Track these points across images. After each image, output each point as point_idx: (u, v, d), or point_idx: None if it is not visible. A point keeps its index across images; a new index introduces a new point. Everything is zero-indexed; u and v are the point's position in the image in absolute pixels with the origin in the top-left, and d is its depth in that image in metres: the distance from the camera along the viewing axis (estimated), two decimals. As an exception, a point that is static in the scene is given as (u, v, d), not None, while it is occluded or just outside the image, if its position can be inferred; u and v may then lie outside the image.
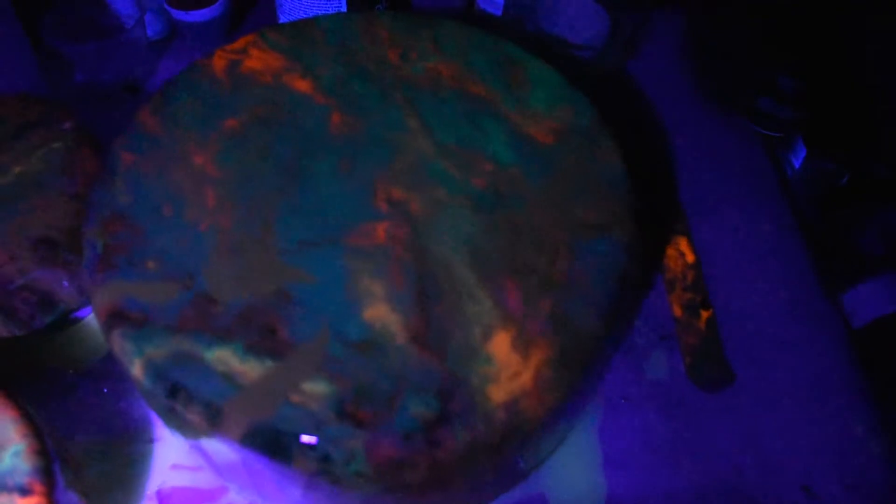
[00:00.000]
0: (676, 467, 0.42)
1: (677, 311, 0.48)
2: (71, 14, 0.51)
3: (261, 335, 0.30)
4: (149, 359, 0.30)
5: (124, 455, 0.41)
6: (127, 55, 0.53)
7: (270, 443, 0.28)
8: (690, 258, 0.49)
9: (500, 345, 0.31)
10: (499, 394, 0.30)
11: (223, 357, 0.30)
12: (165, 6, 0.55)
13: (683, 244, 0.49)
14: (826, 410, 0.43)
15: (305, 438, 0.28)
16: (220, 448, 0.31)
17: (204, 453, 0.34)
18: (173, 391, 0.29)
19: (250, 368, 0.30)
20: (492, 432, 0.29)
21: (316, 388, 0.29)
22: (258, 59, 0.40)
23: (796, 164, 0.51)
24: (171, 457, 0.41)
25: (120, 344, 0.31)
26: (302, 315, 0.31)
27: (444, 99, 0.38)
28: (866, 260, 0.45)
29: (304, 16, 0.52)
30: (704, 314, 0.47)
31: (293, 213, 0.34)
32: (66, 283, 0.42)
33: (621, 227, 0.34)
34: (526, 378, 0.30)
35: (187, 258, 0.33)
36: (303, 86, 0.38)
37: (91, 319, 0.45)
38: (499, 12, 0.53)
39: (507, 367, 0.30)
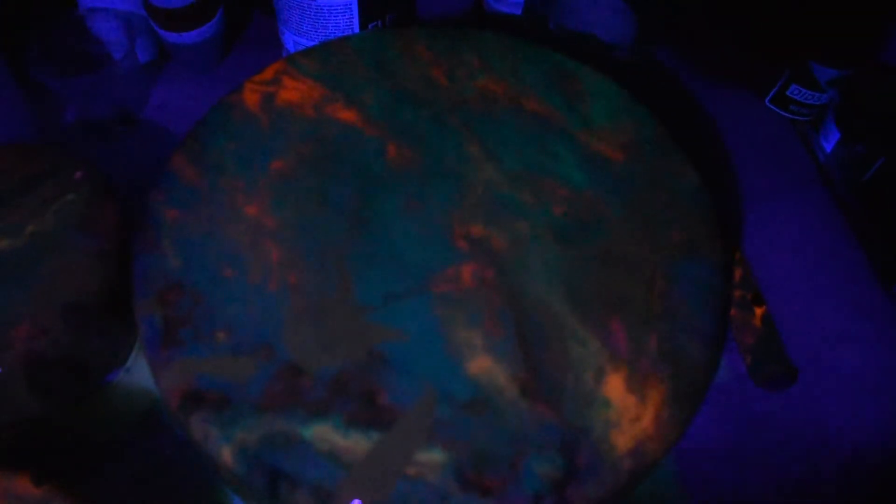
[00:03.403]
0: (753, 473, 0.42)
1: (731, 311, 0.47)
2: (57, 46, 0.47)
3: (360, 405, 0.28)
4: (239, 444, 0.27)
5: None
6: (119, 85, 0.49)
7: (391, 524, 0.26)
8: (736, 255, 0.48)
9: (615, 387, 0.29)
10: (623, 441, 0.28)
11: (323, 434, 0.27)
12: (155, 28, 0.51)
13: (728, 241, 0.48)
14: (893, 397, 0.43)
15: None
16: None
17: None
18: (274, 478, 0.27)
19: (355, 443, 0.27)
20: (619, 482, 0.28)
21: (431, 457, 0.27)
22: (293, 90, 0.36)
23: (828, 148, 0.50)
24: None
25: (202, 430, 0.28)
26: (400, 377, 0.29)
27: (502, 120, 0.36)
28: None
29: (312, 32, 0.48)
30: (758, 310, 0.46)
31: (368, 263, 0.31)
32: (99, 351, 0.39)
33: (711, 245, 0.33)
34: (647, 420, 0.28)
35: (261, 325, 0.30)
36: (349, 116, 0.36)
37: (120, 382, 0.41)
38: (517, 11, 0.50)
39: (627, 411, 0.28)
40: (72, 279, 0.36)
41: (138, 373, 0.41)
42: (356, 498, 0.26)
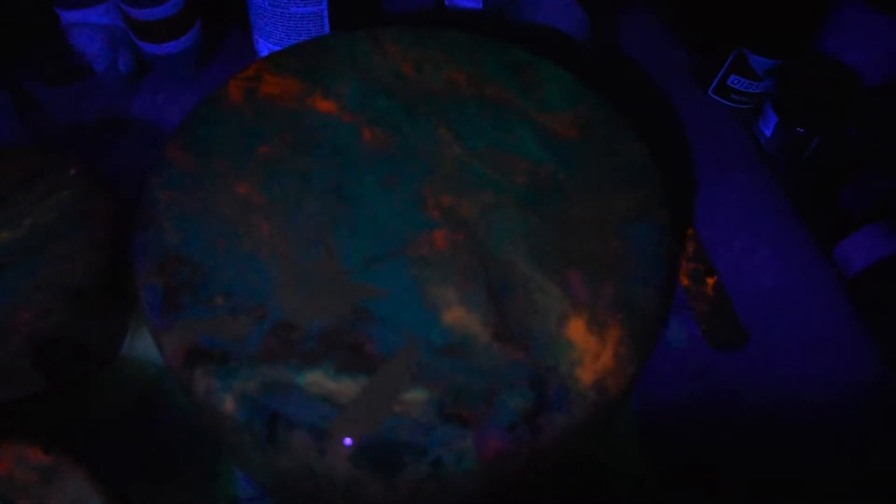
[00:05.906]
0: (710, 427, 0.45)
1: (685, 281, 0.50)
2: (44, 57, 0.49)
3: (348, 354, 0.31)
4: (240, 392, 0.30)
5: (183, 496, 0.40)
6: (103, 95, 0.52)
7: (381, 456, 0.29)
8: (688, 230, 0.52)
9: (577, 330, 0.32)
10: (587, 375, 0.31)
11: (316, 380, 0.30)
12: (135, 40, 0.54)
13: (679, 219, 0.52)
14: (836, 351, 0.47)
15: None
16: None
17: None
18: (272, 420, 0.29)
19: (346, 387, 0.30)
20: (585, 412, 0.31)
21: (415, 396, 0.30)
22: (274, 84, 0.40)
23: (767, 132, 0.55)
24: (230, 491, 0.40)
25: (205, 382, 0.30)
26: (384, 329, 0.32)
27: (467, 106, 0.39)
28: (849, 216, 0.49)
29: (286, 40, 0.52)
30: (710, 281, 0.50)
31: (350, 233, 0.34)
32: (98, 331, 0.41)
33: (658, 209, 0.37)
34: (606, 357, 0.32)
35: (255, 288, 0.32)
36: (327, 106, 0.39)
37: (120, 363, 0.43)
38: (478, 5, 0.54)
39: (588, 350, 0.32)
40: (72, 265, 0.39)
41: (136, 352, 0.43)
42: (349, 435, 0.29)
